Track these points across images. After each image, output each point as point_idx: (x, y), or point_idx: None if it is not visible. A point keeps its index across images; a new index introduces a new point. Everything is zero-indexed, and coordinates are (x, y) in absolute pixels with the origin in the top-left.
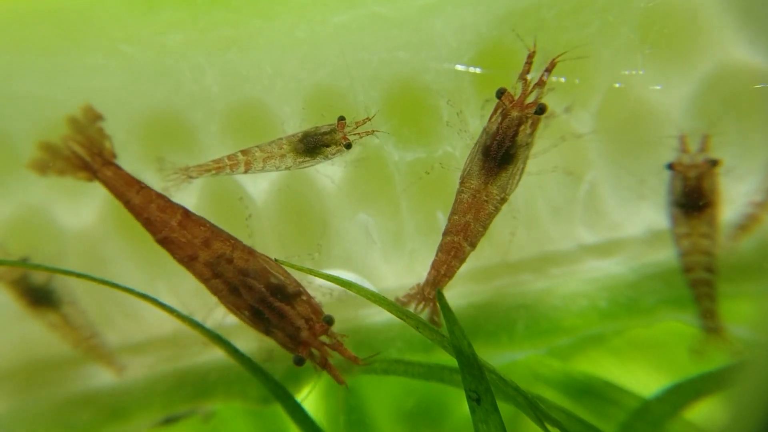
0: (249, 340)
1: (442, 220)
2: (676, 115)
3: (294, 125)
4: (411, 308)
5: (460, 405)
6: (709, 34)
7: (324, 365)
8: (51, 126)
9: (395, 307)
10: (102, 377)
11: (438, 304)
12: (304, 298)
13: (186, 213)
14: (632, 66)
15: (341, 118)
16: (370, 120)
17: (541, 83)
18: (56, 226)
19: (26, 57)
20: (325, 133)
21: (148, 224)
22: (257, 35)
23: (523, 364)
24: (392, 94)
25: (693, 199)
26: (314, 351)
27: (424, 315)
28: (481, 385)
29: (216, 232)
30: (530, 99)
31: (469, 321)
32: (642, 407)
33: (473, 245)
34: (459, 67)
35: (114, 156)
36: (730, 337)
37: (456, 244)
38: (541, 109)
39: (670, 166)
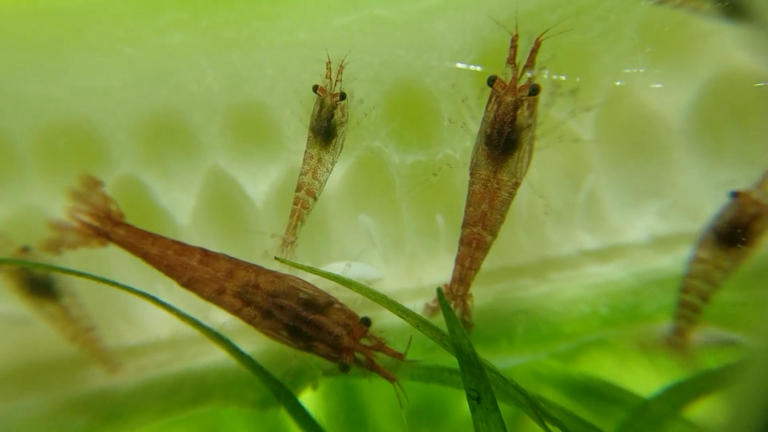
0: (249, 342)
1: (442, 223)
2: (676, 119)
3: (295, 127)
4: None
5: (460, 404)
6: (710, 38)
7: (371, 367)
8: (52, 126)
9: (395, 305)
10: (99, 380)
11: (467, 303)
12: (337, 306)
13: (204, 251)
14: (633, 65)
15: (315, 87)
16: (330, 62)
17: (530, 64)
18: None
19: (28, 56)
20: (321, 111)
21: (170, 271)
22: (258, 37)
23: (524, 366)
24: (393, 96)
25: (735, 234)
26: (358, 355)
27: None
28: (481, 384)
29: (237, 262)
30: (522, 82)
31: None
32: (642, 406)
33: (494, 234)
34: (460, 65)
35: (122, 215)
36: (689, 355)
37: (476, 235)
38: (534, 90)
39: (735, 194)
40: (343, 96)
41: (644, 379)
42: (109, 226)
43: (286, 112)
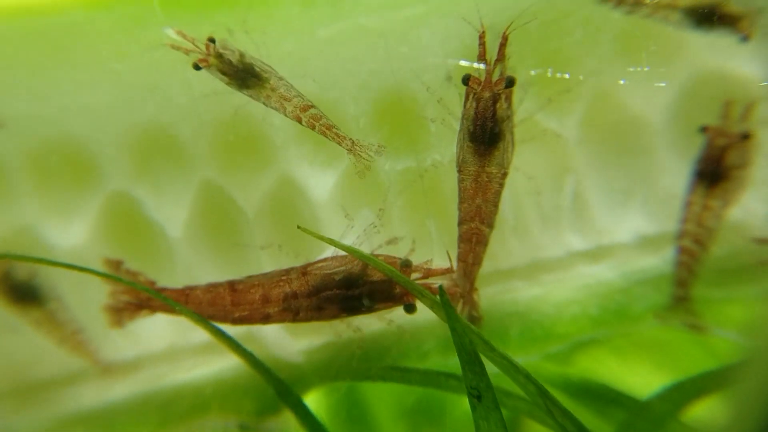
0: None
1: (433, 228)
2: (657, 121)
3: (284, 137)
4: None
5: (460, 402)
6: (686, 42)
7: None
8: (42, 144)
9: (410, 284)
10: (96, 394)
11: (473, 298)
12: (371, 265)
13: (232, 288)
14: (637, 63)
15: (197, 66)
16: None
17: (501, 58)
18: (47, 244)
19: (15, 76)
20: (225, 72)
21: (214, 319)
22: (245, 49)
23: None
24: (381, 104)
25: (710, 168)
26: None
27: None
28: (482, 382)
29: (266, 283)
30: (496, 76)
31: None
32: (643, 406)
33: (491, 226)
34: (458, 62)
35: (153, 283)
36: (693, 309)
37: (475, 230)
38: (510, 82)
39: (704, 129)
40: (212, 39)
41: (645, 377)
42: (145, 300)
43: (275, 121)
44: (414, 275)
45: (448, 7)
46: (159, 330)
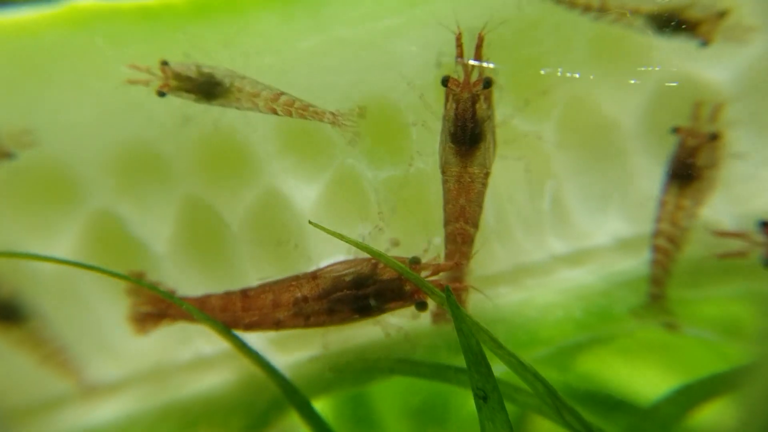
0: None
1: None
2: (630, 124)
3: (267, 150)
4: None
5: (465, 402)
6: (655, 47)
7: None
8: (22, 163)
9: (420, 280)
10: (79, 416)
11: (461, 298)
12: (381, 265)
13: (244, 295)
14: (648, 62)
15: (162, 94)
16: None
17: (477, 58)
18: (30, 264)
19: None
20: (203, 93)
21: (227, 324)
22: (225, 64)
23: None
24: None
25: (681, 168)
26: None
27: None
28: (488, 383)
29: (276, 288)
30: (474, 77)
31: (449, 337)
32: (651, 408)
33: (476, 226)
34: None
35: (172, 292)
36: (668, 307)
37: (460, 230)
38: (488, 83)
39: (675, 130)
40: (165, 62)
41: (653, 380)
42: (164, 308)
43: (256, 135)
44: (423, 273)
45: (426, 17)
46: (144, 349)
